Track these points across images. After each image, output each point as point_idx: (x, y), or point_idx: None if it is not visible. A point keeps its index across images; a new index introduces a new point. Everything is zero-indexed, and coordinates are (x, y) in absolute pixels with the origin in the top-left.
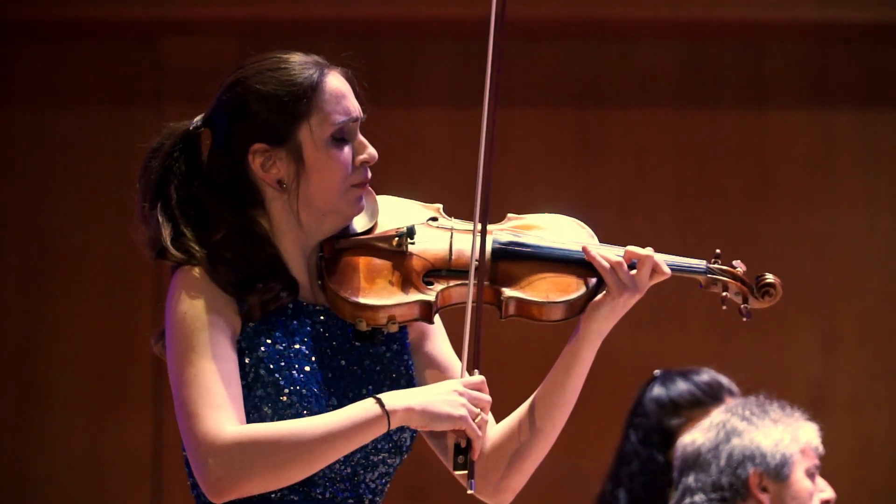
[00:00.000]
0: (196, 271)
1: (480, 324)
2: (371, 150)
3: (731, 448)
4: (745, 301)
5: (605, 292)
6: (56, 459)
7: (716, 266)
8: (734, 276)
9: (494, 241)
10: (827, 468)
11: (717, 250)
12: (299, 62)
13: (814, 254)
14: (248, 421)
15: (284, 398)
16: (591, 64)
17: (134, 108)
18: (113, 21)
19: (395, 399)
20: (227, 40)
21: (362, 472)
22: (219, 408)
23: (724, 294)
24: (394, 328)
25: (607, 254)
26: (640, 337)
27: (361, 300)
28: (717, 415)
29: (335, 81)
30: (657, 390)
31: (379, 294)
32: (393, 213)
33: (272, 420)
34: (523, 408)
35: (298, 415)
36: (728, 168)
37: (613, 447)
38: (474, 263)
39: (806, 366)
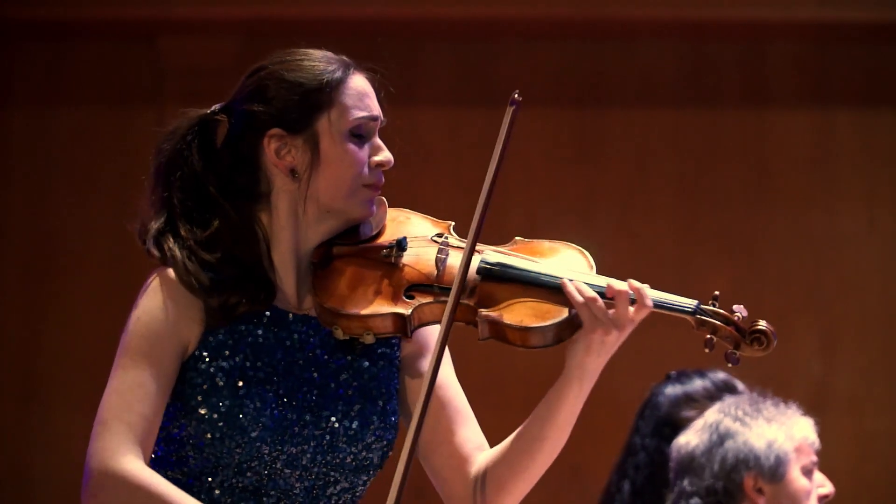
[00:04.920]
0: (168, 273)
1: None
2: (387, 154)
3: (725, 452)
4: (737, 347)
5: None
6: (56, 459)
7: (707, 307)
8: (726, 321)
9: (482, 261)
10: (827, 468)
11: (717, 292)
12: (326, 57)
13: (814, 254)
14: (185, 423)
15: (216, 418)
16: (591, 64)
17: (134, 108)
18: (113, 21)
19: None
20: (227, 40)
21: (321, 486)
22: (129, 426)
23: (710, 337)
24: (370, 339)
25: (584, 287)
26: (641, 336)
27: (339, 308)
28: (711, 414)
29: (359, 80)
30: (671, 387)
31: (357, 304)
32: (399, 225)
33: (202, 436)
34: (508, 440)
35: (232, 435)
36: (728, 168)
37: (615, 447)
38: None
39: (806, 366)
